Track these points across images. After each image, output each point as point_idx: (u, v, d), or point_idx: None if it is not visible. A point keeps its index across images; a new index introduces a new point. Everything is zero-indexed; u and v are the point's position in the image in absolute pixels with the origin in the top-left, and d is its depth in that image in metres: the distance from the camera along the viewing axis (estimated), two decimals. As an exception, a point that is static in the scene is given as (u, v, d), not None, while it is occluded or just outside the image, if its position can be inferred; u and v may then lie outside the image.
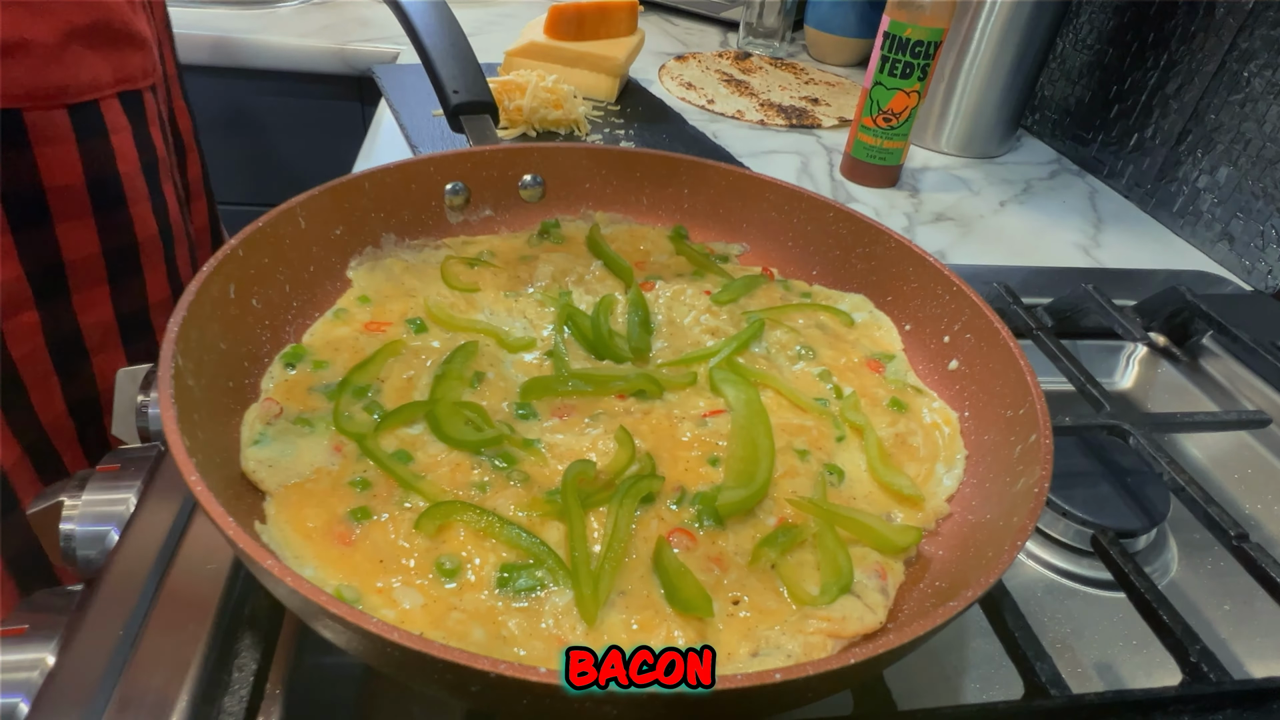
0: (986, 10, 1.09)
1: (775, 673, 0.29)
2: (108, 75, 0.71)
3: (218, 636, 0.43)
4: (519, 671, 0.28)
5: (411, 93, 1.11)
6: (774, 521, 0.45)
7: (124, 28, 0.72)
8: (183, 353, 0.41)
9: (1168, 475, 0.56)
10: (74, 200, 0.70)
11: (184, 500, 0.51)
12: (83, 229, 0.71)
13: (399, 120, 1.05)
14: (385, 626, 0.29)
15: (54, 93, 0.66)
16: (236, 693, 0.38)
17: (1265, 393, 0.74)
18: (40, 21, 0.64)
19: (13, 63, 0.63)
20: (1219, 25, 0.98)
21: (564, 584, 0.39)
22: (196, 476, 0.33)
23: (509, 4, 1.63)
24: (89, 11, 0.68)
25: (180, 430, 0.36)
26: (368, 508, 0.42)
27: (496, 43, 1.31)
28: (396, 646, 0.29)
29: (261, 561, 0.31)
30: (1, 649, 0.45)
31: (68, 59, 0.66)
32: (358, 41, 1.36)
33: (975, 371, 0.54)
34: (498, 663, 0.28)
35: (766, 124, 1.22)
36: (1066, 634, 0.55)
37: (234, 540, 0.31)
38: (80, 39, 0.67)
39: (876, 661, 0.32)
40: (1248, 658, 0.55)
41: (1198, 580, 0.61)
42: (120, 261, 0.75)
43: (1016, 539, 0.36)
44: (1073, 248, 1.00)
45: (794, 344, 0.59)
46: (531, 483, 0.45)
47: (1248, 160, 0.96)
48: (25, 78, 0.64)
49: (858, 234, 0.64)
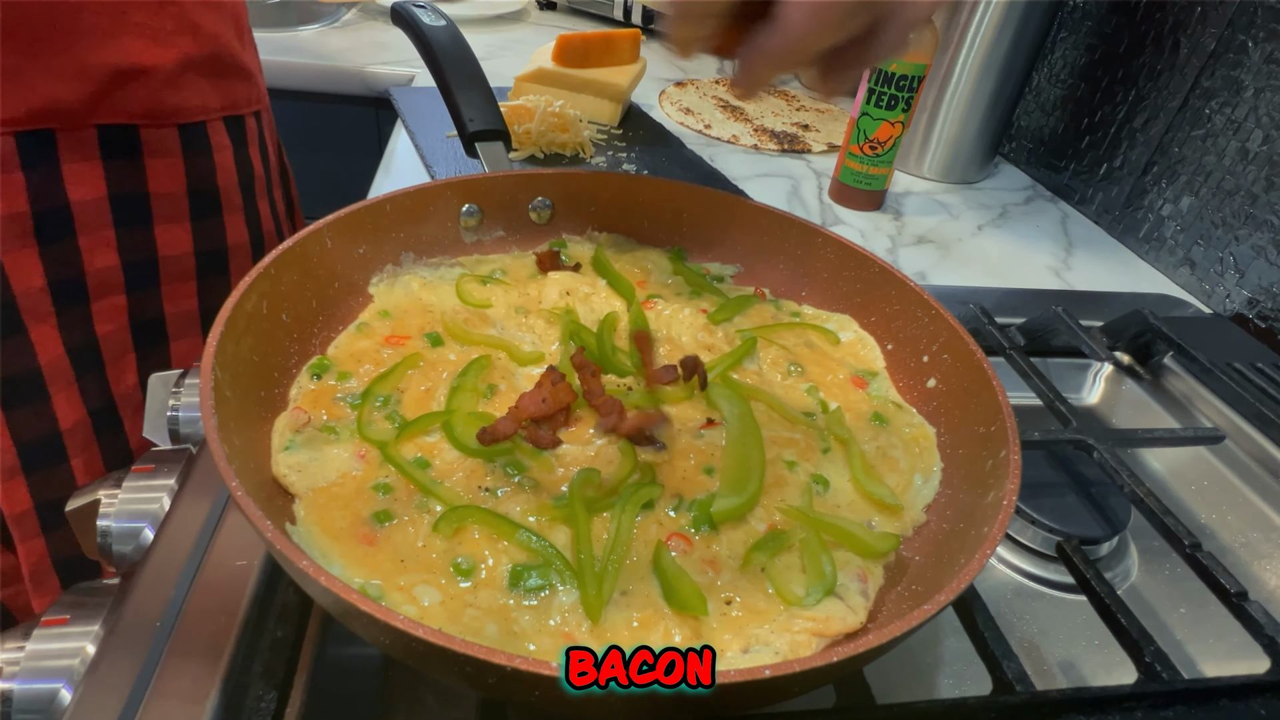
0: (967, 46, 1.11)
1: (765, 669, 0.31)
2: (216, 101, 0.77)
3: (248, 629, 0.44)
4: (534, 666, 0.29)
5: (427, 114, 1.13)
6: (764, 528, 0.46)
7: (233, 60, 0.78)
8: (220, 365, 0.42)
9: (1129, 488, 0.58)
10: (174, 206, 0.76)
11: (215, 500, 0.52)
12: (179, 231, 0.77)
13: (414, 141, 1.07)
14: (412, 623, 0.30)
15: (168, 113, 0.72)
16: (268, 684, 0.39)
17: (1222, 410, 0.76)
18: (162, 51, 0.70)
19: (135, 86, 0.69)
20: (1183, 64, 1.01)
21: (570, 584, 0.41)
22: (237, 483, 0.35)
23: (519, 30, 1.65)
24: (203, 45, 0.74)
25: (220, 439, 0.37)
26: (390, 510, 0.43)
27: (507, 67, 1.33)
28: (422, 642, 0.30)
29: (298, 562, 0.32)
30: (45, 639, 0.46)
31: (183, 85, 0.73)
32: (376, 64, 1.37)
33: (951, 390, 0.56)
34: (514, 657, 0.30)
35: (760, 148, 1.24)
36: (1033, 633, 0.57)
37: (272, 542, 0.33)
38: (194, 69, 0.73)
39: (857, 659, 0.33)
40: (1201, 658, 0.57)
41: (1156, 585, 0.62)
42: (209, 263, 0.81)
43: (986, 548, 0.38)
44: (1045, 270, 1.02)
45: (784, 361, 0.61)
46: (540, 489, 0.46)
47: (1208, 191, 0.98)
48: (144, 99, 0.70)
49: (844, 258, 0.66)
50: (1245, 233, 0.93)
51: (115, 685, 0.42)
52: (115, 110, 0.68)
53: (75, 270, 0.70)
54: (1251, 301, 0.92)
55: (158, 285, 0.78)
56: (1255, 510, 0.70)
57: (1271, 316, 0.90)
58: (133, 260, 0.74)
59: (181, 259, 0.78)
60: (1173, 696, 0.40)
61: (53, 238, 0.68)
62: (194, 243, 0.79)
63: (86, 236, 0.70)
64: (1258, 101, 0.91)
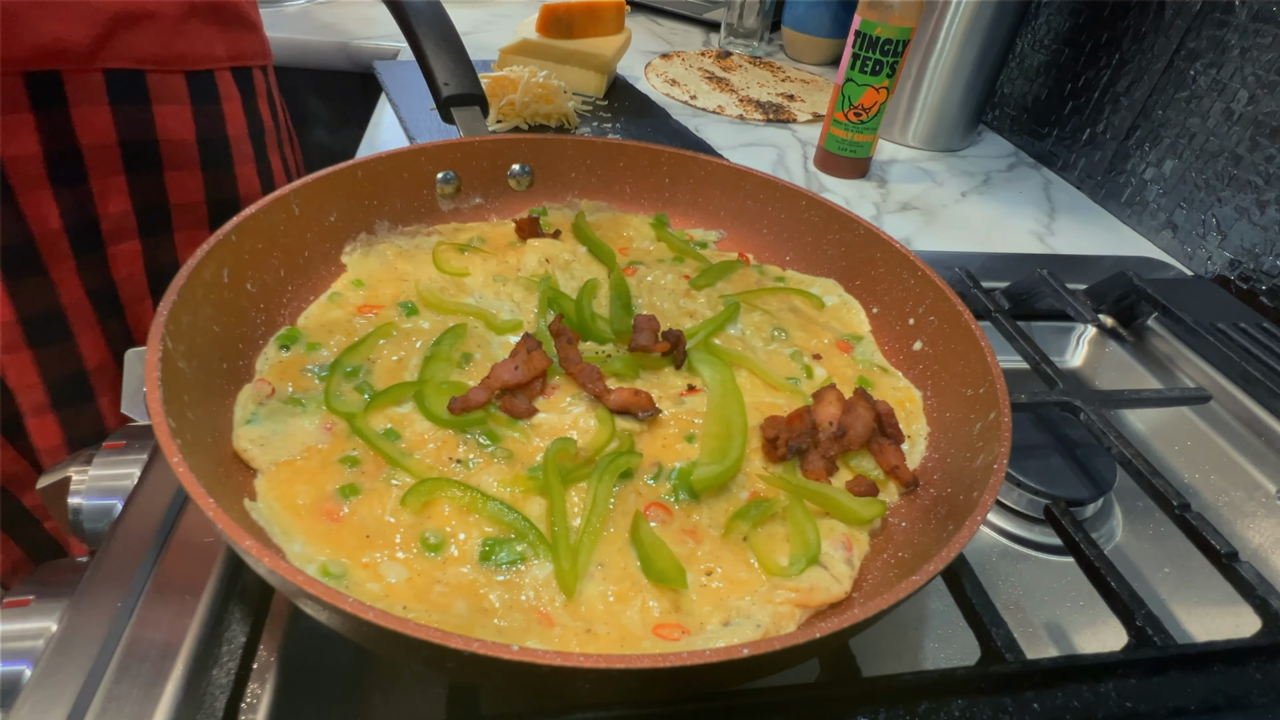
0: (952, 11, 1.05)
1: (743, 648, 0.28)
2: (222, 50, 0.75)
3: (213, 606, 0.41)
4: (491, 650, 0.26)
5: (410, 87, 1.07)
6: (746, 495, 0.43)
7: (237, 10, 0.76)
8: (172, 335, 0.38)
9: (1116, 449, 0.55)
10: (184, 153, 0.74)
11: (185, 475, 0.49)
12: (189, 179, 0.75)
13: (398, 114, 1.01)
14: (361, 606, 0.27)
15: (174, 60, 0.70)
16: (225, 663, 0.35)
17: (1205, 371, 0.72)
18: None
19: (138, 30, 0.67)
20: (1168, 26, 0.96)
21: (544, 557, 0.37)
22: (179, 458, 0.31)
23: (505, 4, 1.58)
24: None
25: (166, 412, 0.33)
26: (356, 484, 0.40)
27: (492, 41, 1.26)
28: (372, 625, 0.26)
29: (240, 542, 0.28)
30: (5, 619, 0.42)
31: (188, 31, 0.71)
32: (360, 38, 1.31)
33: (938, 352, 0.52)
34: (470, 641, 0.26)
35: (745, 119, 1.19)
36: (1018, 596, 0.54)
37: (214, 520, 0.29)
38: (199, 15, 0.72)
39: (841, 634, 0.30)
40: (1186, 618, 0.54)
41: (1140, 545, 0.59)
42: (221, 212, 0.78)
43: (978, 514, 0.35)
44: (1028, 235, 0.98)
45: (768, 326, 0.57)
46: (514, 459, 0.42)
47: (1192, 154, 0.93)
48: (150, 44, 0.68)
49: (828, 221, 0.62)
50: (1228, 194, 0.89)
51: (77, 665, 0.39)
52: (121, 54, 0.66)
53: (89, 214, 0.69)
54: (1234, 263, 0.88)
55: (170, 233, 0.76)
56: (1239, 469, 0.67)
57: (1254, 277, 0.86)
58: (144, 206, 0.72)
59: (194, 207, 0.77)
60: (1166, 663, 0.37)
61: (65, 181, 0.66)
62: (205, 191, 0.77)
63: (98, 181, 0.68)
64: (1244, 61, 0.86)
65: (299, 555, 0.36)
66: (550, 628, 0.35)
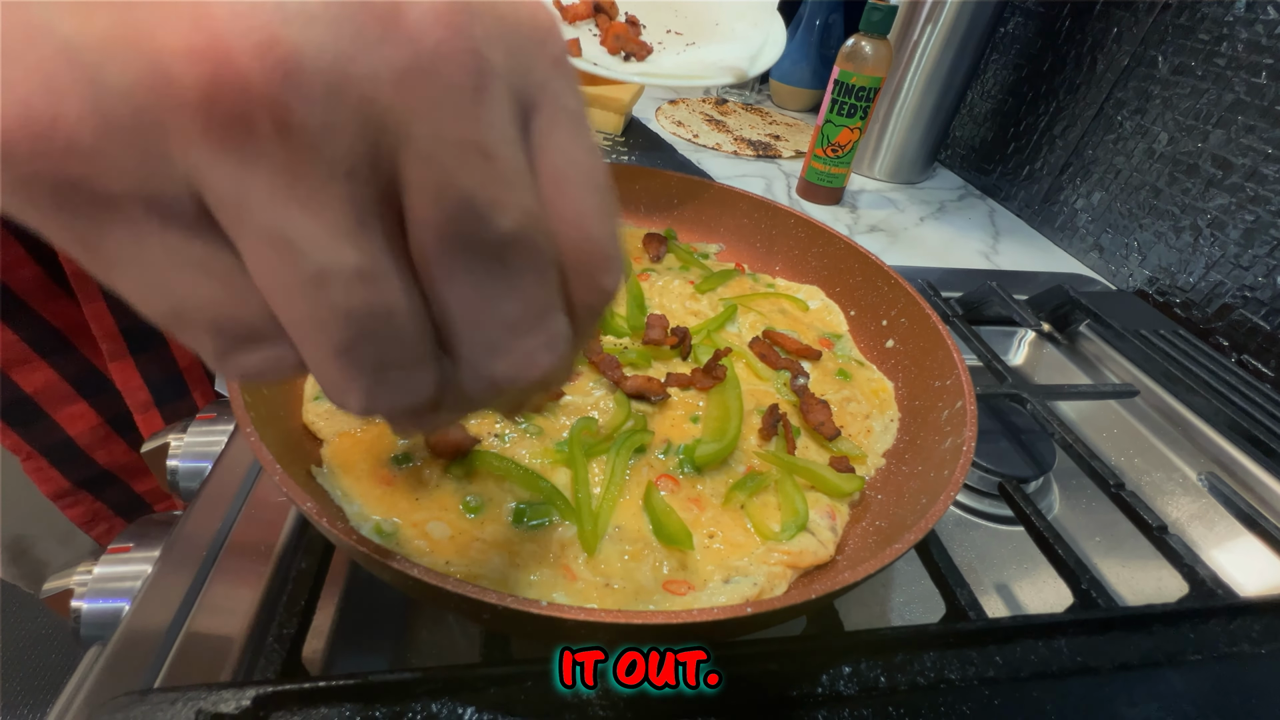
0: (915, 64, 1.01)
1: (746, 606, 0.25)
2: None
3: (284, 555, 0.39)
4: (522, 605, 0.24)
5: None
6: (743, 470, 0.40)
7: None
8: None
9: (1058, 434, 0.52)
10: None
11: (264, 443, 0.47)
12: None
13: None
14: (406, 563, 0.24)
15: None
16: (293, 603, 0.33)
17: (1129, 369, 0.69)
18: None
19: None
20: (1099, 79, 0.92)
21: (569, 520, 0.35)
22: (251, 429, 0.29)
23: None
24: None
25: (242, 389, 0.31)
26: (409, 454, 0.37)
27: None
28: (416, 581, 0.24)
29: (302, 504, 0.26)
30: (109, 564, 0.40)
31: None
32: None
33: (908, 349, 0.49)
34: (504, 596, 0.24)
35: (739, 154, 1.15)
36: (971, 559, 0.51)
37: (279, 483, 0.27)
38: None
39: (834, 594, 0.27)
40: (1115, 580, 0.51)
41: (1075, 517, 0.56)
42: None
43: (950, 489, 0.32)
44: (977, 254, 0.95)
45: (760, 325, 0.54)
46: (544, 435, 0.40)
47: (1118, 187, 0.90)
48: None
49: (813, 237, 0.59)
50: (1148, 221, 0.85)
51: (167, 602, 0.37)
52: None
53: None
54: (1152, 280, 0.85)
55: None
56: (1158, 453, 0.63)
57: (1169, 292, 0.83)
58: None
59: None
60: (1110, 623, 0.34)
61: None
62: None
63: None
64: (1165, 108, 0.83)
65: (356, 514, 0.33)
66: (574, 581, 0.32)
